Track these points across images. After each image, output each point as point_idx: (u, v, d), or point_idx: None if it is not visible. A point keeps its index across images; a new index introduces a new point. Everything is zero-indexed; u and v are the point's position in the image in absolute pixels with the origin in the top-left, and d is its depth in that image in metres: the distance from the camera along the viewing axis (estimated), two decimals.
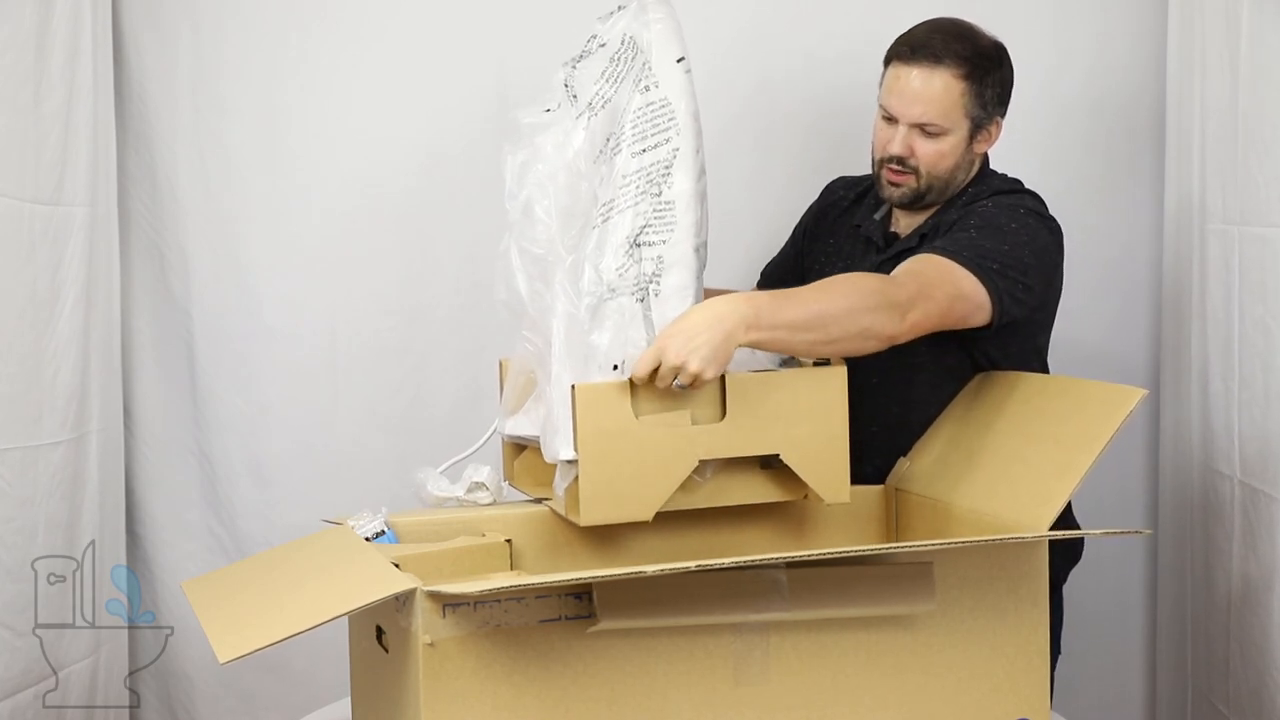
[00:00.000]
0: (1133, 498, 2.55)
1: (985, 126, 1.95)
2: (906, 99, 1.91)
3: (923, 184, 1.95)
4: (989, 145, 1.98)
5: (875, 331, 1.70)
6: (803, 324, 1.66)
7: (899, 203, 1.99)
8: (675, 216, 1.69)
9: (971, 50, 1.91)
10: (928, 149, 1.92)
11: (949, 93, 1.90)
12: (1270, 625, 1.99)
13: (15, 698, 2.18)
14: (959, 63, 1.90)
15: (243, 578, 1.64)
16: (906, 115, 1.92)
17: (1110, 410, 1.59)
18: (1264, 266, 2.01)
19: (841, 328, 1.68)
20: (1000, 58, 1.95)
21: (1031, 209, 1.92)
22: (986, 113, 1.94)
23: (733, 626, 1.45)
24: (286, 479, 2.51)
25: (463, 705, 1.37)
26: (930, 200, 1.97)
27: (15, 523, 2.17)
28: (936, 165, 1.93)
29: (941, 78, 1.90)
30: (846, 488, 1.71)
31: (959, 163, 1.95)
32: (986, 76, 1.92)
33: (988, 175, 2.01)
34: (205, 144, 2.48)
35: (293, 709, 2.27)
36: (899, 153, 1.93)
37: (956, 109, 1.91)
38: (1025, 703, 1.57)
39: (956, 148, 1.93)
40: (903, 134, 1.93)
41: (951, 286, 1.78)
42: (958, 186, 1.98)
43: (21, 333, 2.19)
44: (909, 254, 1.96)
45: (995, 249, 1.82)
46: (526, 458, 1.87)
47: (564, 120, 1.78)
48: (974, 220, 1.88)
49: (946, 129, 1.91)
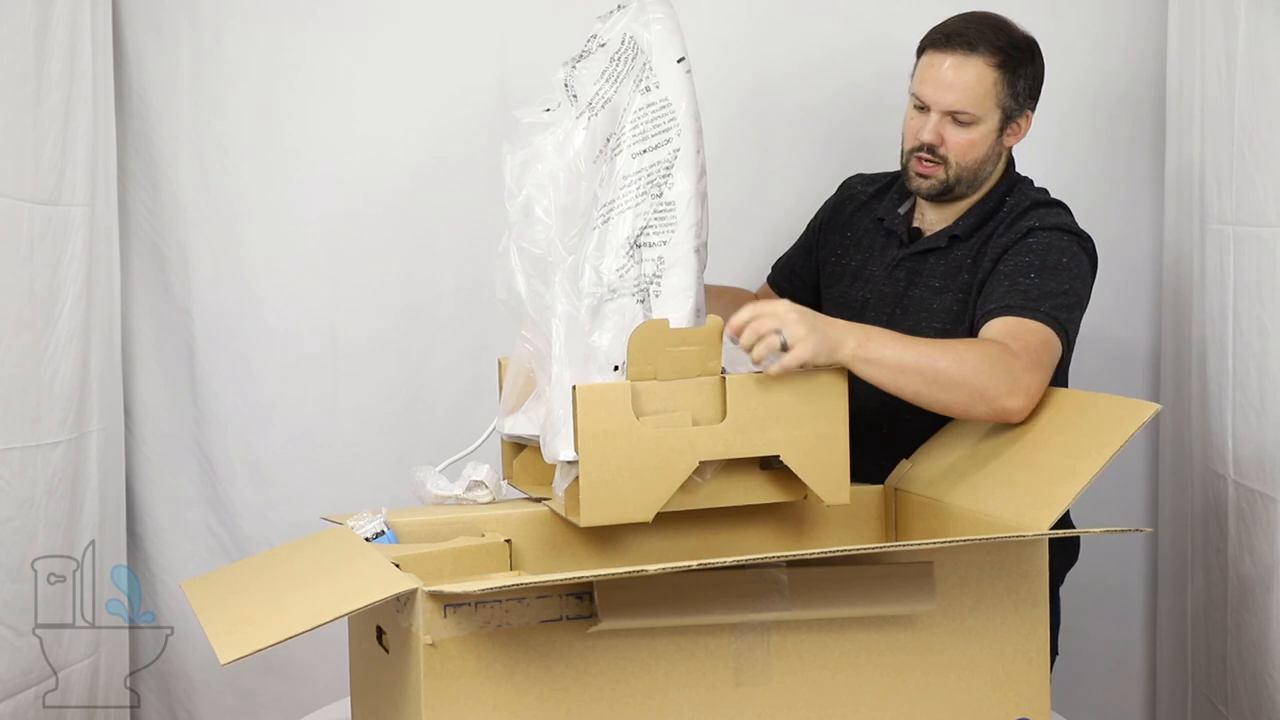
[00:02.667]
0: (1133, 498, 2.55)
1: (1015, 119, 1.96)
2: (940, 86, 1.92)
3: (952, 175, 1.95)
4: (1017, 139, 1.98)
5: (990, 397, 1.70)
6: (912, 367, 1.68)
7: (927, 194, 1.99)
8: (676, 217, 1.69)
9: (1006, 41, 1.92)
10: (958, 138, 1.93)
11: (982, 81, 1.91)
12: (1268, 625, 1.99)
13: (15, 698, 2.18)
14: (993, 52, 1.91)
15: (243, 578, 1.64)
16: (939, 102, 1.92)
17: (1120, 422, 1.58)
18: (1261, 267, 2.01)
19: (953, 381, 1.69)
20: (1033, 51, 1.96)
21: (1071, 230, 1.92)
22: (1018, 105, 1.95)
23: (733, 626, 1.45)
24: (286, 479, 2.51)
25: (464, 705, 1.37)
26: (959, 193, 1.98)
27: (15, 523, 2.17)
28: (966, 155, 1.94)
29: (975, 66, 1.90)
30: (846, 489, 1.71)
31: (988, 155, 1.96)
32: (1019, 68, 1.93)
33: (1019, 181, 2.01)
34: (205, 144, 2.49)
35: (293, 709, 2.28)
36: (930, 140, 1.93)
37: (989, 98, 1.92)
38: (1025, 702, 1.57)
39: (987, 138, 1.94)
40: (934, 122, 1.93)
41: (1049, 349, 1.78)
42: (984, 179, 1.98)
43: (21, 332, 2.19)
44: (935, 253, 1.98)
45: (1058, 291, 1.83)
46: (525, 457, 1.87)
47: (564, 120, 1.78)
48: (1030, 258, 1.87)
49: (978, 117, 1.92)
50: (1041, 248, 1.88)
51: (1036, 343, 1.77)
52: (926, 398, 1.70)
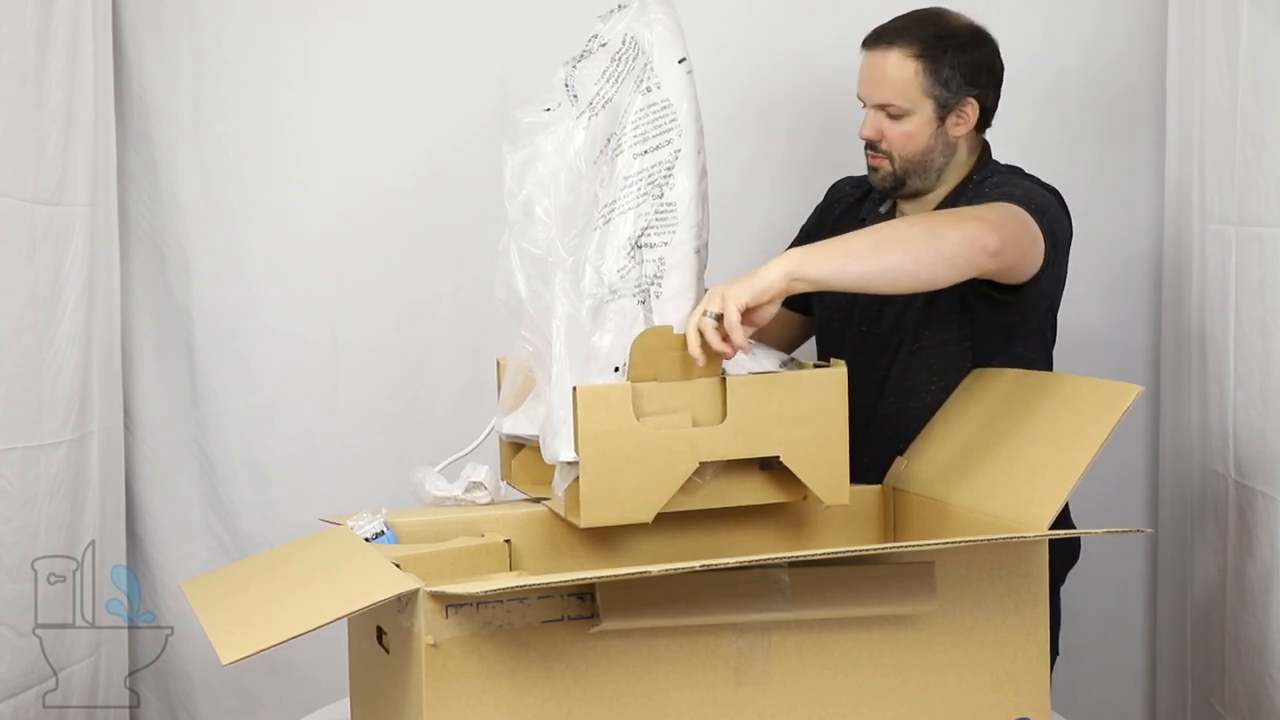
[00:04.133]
0: (1133, 498, 2.55)
1: (955, 107, 1.95)
2: (866, 82, 1.97)
3: (898, 166, 1.97)
4: (966, 126, 1.97)
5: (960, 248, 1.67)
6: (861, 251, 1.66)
7: (881, 187, 2.02)
8: (677, 218, 1.69)
9: (930, 32, 1.94)
10: (894, 131, 1.95)
11: (901, 71, 1.93)
12: (1267, 626, 1.99)
13: (16, 698, 2.18)
14: (911, 43, 1.93)
15: (243, 578, 1.64)
16: (870, 98, 1.97)
17: (1107, 408, 1.59)
18: (1263, 267, 2.01)
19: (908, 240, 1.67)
20: (971, 39, 1.96)
21: (1040, 183, 1.94)
22: (951, 92, 1.94)
23: (734, 626, 1.45)
24: (286, 479, 2.51)
25: (465, 706, 1.37)
26: (914, 186, 1.99)
27: (15, 523, 2.17)
28: (905, 147, 1.96)
29: (892, 58, 1.93)
30: (846, 489, 1.71)
31: (931, 144, 1.96)
32: (943, 56, 1.93)
33: (990, 163, 2.02)
34: (205, 144, 2.49)
35: (293, 709, 2.28)
36: (869, 135, 1.98)
37: (911, 88, 1.93)
38: (1025, 702, 1.57)
39: (923, 128, 1.95)
40: (870, 118, 1.97)
41: (1014, 215, 1.78)
42: (938, 168, 1.99)
43: (22, 333, 2.19)
44: None
45: (1024, 195, 1.84)
46: (524, 457, 1.87)
47: (564, 120, 1.78)
48: (988, 190, 1.91)
49: (907, 109, 1.94)
50: (996, 183, 1.92)
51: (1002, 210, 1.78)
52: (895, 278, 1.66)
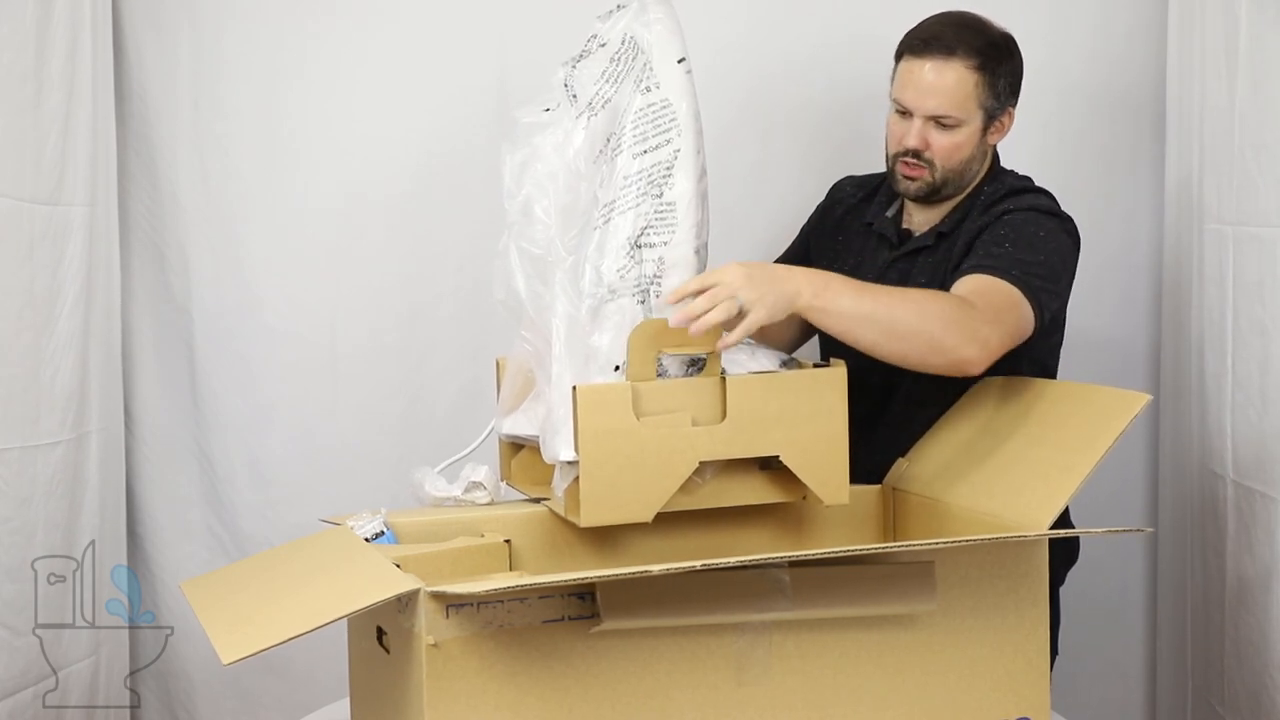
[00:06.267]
0: (1132, 498, 2.55)
1: (998, 117, 1.96)
2: (921, 91, 1.92)
3: (938, 177, 1.95)
4: (1001, 136, 1.98)
5: (947, 348, 1.69)
6: (869, 316, 1.66)
7: (914, 196, 1.99)
8: (676, 218, 1.69)
9: (984, 41, 1.92)
10: (943, 141, 1.93)
11: (963, 84, 1.91)
12: (1267, 626, 2.00)
13: (15, 697, 2.18)
14: (972, 54, 1.91)
15: (243, 578, 1.64)
16: (921, 108, 1.92)
17: (1114, 415, 1.59)
18: (1262, 267, 2.01)
19: (910, 330, 1.67)
20: (1011, 48, 1.96)
21: (1050, 210, 1.93)
22: (999, 103, 1.95)
23: (735, 626, 1.45)
24: (286, 479, 2.51)
25: (466, 706, 1.37)
26: (946, 193, 1.98)
27: (14, 523, 2.17)
28: (951, 157, 1.94)
29: (955, 69, 1.90)
30: (846, 489, 1.71)
31: (974, 154, 1.96)
32: (999, 67, 1.93)
33: (1001, 173, 2.01)
34: (205, 144, 2.49)
35: (293, 709, 2.28)
36: (915, 145, 1.94)
37: (970, 100, 1.92)
38: (1025, 702, 1.57)
39: (971, 139, 1.94)
40: (918, 127, 1.93)
41: (1015, 310, 1.78)
42: (972, 178, 1.98)
43: (21, 332, 2.19)
44: (925, 252, 1.97)
45: (1034, 261, 1.83)
46: (524, 457, 1.87)
47: (564, 120, 1.78)
48: (1004, 231, 1.88)
49: (961, 120, 1.92)
50: (1017, 223, 1.89)
51: (1001, 300, 1.77)
52: (884, 348, 1.69)
